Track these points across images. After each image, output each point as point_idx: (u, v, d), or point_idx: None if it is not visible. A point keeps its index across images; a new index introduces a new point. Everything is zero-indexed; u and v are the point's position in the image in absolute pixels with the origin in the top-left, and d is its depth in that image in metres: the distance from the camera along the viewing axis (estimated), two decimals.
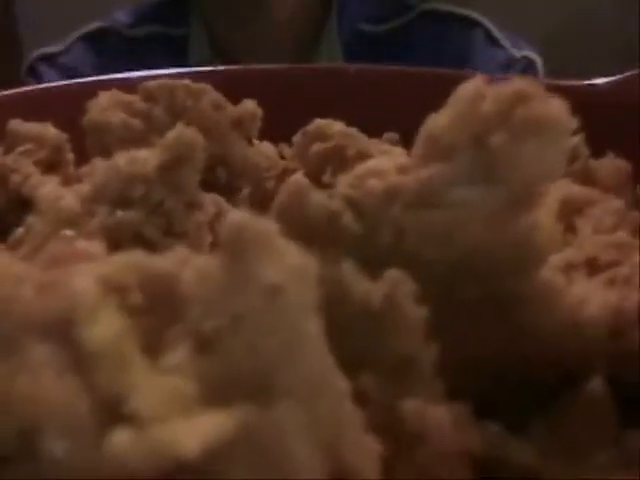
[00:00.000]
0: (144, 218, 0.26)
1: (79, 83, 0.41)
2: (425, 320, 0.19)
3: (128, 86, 0.36)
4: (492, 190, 0.20)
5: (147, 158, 0.26)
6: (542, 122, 0.20)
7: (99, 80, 0.42)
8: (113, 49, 0.98)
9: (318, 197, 0.22)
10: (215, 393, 0.13)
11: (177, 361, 0.14)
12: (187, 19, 0.99)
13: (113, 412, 0.13)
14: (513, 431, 0.21)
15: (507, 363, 0.22)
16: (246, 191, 0.36)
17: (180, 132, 0.27)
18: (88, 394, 0.13)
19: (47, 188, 0.28)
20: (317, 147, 0.33)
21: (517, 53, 0.94)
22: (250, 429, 0.12)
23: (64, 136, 0.37)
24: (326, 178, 0.32)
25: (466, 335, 0.22)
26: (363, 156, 0.31)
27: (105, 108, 0.34)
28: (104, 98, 0.34)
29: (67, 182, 0.32)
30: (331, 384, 0.14)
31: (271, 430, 0.13)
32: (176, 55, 0.94)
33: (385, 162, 0.25)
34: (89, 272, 0.15)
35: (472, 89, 0.21)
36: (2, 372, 0.13)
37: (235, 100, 0.36)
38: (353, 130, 0.34)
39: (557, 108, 0.20)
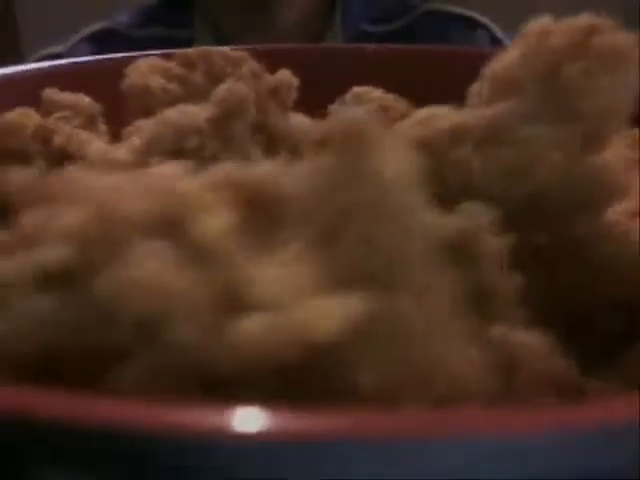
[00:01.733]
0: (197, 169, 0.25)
1: (111, 59, 0.41)
2: (505, 250, 0.19)
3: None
4: (564, 125, 0.20)
5: (199, 112, 0.26)
6: (617, 54, 0.20)
7: (131, 56, 0.41)
8: (116, 50, 0.98)
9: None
10: (334, 282, 0.13)
11: (293, 254, 0.13)
12: (191, 21, 0.99)
13: (235, 302, 0.13)
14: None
15: (578, 305, 0.22)
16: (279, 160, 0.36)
17: (231, 86, 0.27)
18: (207, 284, 0.13)
19: (96, 144, 0.28)
20: (359, 110, 0.33)
21: None
22: (377, 315, 0.12)
23: (98, 106, 0.36)
24: None
25: (536, 277, 0.21)
26: (406, 115, 0.31)
27: (144, 73, 0.34)
28: (143, 64, 0.34)
29: None
30: (440, 284, 0.14)
31: (395, 317, 0.13)
32: None
33: (442, 109, 0.25)
34: (190, 180, 0.15)
35: (540, 25, 0.21)
36: (116, 267, 0.13)
37: None
38: (393, 95, 0.34)
39: (628, 41, 0.20)
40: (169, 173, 0.17)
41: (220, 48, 0.35)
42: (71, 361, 0.13)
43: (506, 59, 0.21)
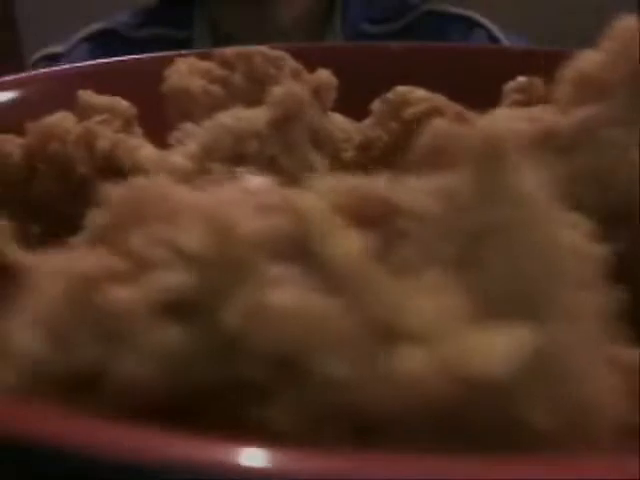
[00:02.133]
0: (260, 174, 0.25)
1: (146, 58, 0.40)
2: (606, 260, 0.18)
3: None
4: None
5: (257, 115, 0.26)
6: None
7: (164, 56, 0.41)
8: (116, 50, 0.97)
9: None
10: (486, 310, 0.12)
11: (431, 279, 0.13)
12: (190, 22, 0.98)
13: (387, 332, 0.12)
14: None
15: None
16: (324, 161, 0.35)
17: (288, 88, 0.26)
18: (356, 313, 0.12)
19: (148, 149, 0.27)
20: (408, 111, 0.32)
21: None
22: (541, 347, 0.12)
23: (134, 109, 0.35)
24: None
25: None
26: (460, 118, 0.31)
27: (184, 75, 0.33)
28: (182, 65, 0.33)
29: None
30: (590, 303, 0.13)
31: (558, 350, 0.12)
32: None
33: (511, 111, 0.24)
34: (308, 194, 0.14)
35: (627, 26, 0.20)
36: (250, 292, 0.13)
37: None
38: (438, 95, 0.34)
39: None
40: (269, 186, 0.16)
41: (259, 47, 0.34)
42: (205, 400, 0.12)
43: (589, 61, 0.21)
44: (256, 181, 0.17)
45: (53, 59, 0.96)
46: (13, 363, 0.13)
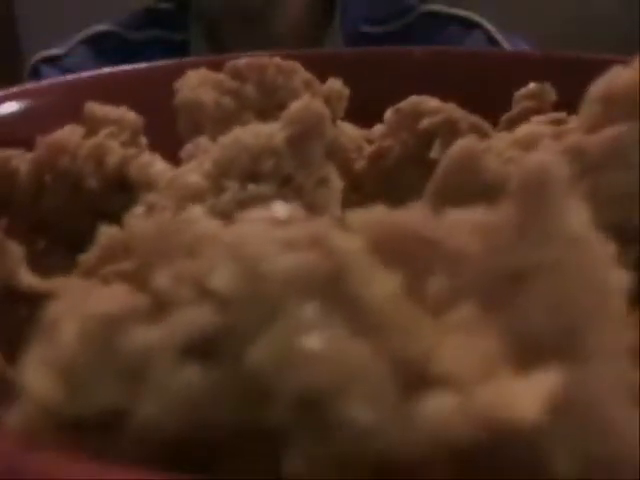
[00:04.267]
0: (275, 192, 0.24)
1: (153, 67, 0.40)
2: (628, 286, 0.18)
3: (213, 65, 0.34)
4: None
5: (273, 131, 0.25)
6: None
7: (171, 64, 0.40)
8: (114, 52, 0.97)
9: (491, 159, 0.20)
10: (520, 353, 0.12)
11: (463, 320, 0.12)
12: (187, 24, 0.98)
13: (416, 376, 0.11)
14: None
15: None
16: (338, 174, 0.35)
17: (307, 103, 0.25)
18: (384, 356, 0.11)
19: (160, 166, 0.27)
20: (423, 122, 0.31)
21: None
22: (574, 394, 0.11)
23: (141, 119, 0.35)
24: (434, 154, 0.31)
25: None
26: (476, 129, 0.30)
27: (195, 87, 0.32)
28: (194, 77, 0.33)
29: None
30: (625, 346, 0.13)
31: (591, 391, 0.11)
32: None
33: (538, 126, 0.24)
34: (339, 229, 0.13)
35: None
36: (276, 334, 0.12)
37: None
38: (452, 105, 0.33)
39: None
40: (295, 218, 0.16)
41: (272, 58, 0.34)
42: (227, 443, 0.12)
43: (619, 79, 0.20)
44: (283, 210, 0.16)
45: (52, 61, 0.96)
46: (24, 404, 0.12)
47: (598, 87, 0.21)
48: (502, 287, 0.12)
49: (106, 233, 0.21)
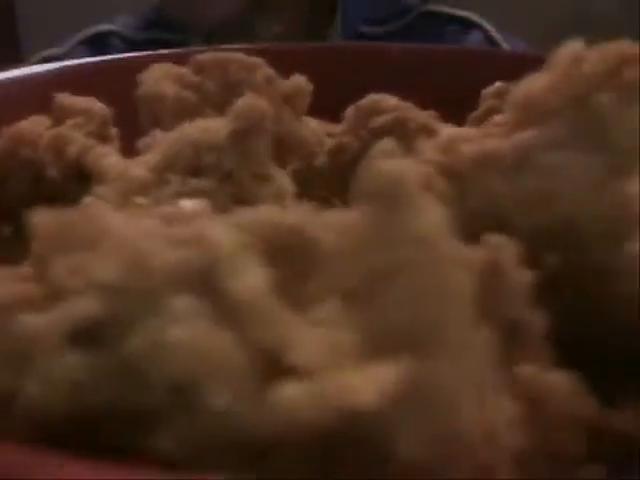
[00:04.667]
0: (215, 186, 0.25)
1: (118, 59, 0.41)
2: (531, 285, 0.19)
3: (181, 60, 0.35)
4: (593, 154, 0.20)
5: (219, 127, 0.26)
6: None
7: (148, 55, 0.41)
8: (113, 53, 0.98)
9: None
10: (373, 346, 0.13)
11: (327, 314, 0.13)
12: (185, 25, 0.98)
13: (273, 365, 0.12)
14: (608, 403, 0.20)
15: (589, 334, 0.22)
16: (290, 168, 0.36)
17: (251, 101, 0.26)
18: (245, 346, 0.13)
19: (113, 158, 0.28)
20: (376, 120, 0.32)
21: None
22: (419, 382, 0.12)
23: (109, 110, 0.36)
24: None
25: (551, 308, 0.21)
26: (425, 129, 0.31)
27: (158, 80, 0.33)
28: (156, 71, 0.34)
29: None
30: (477, 342, 0.14)
31: (437, 384, 0.12)
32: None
33: (469, 130, 0.24)
34: (221, 226, 0.15)
35: (571, 52, 0.21)
36: (150, 325, 0.13)
37: None
38: (409, 104, 0.34)
39: None
40: (197, 214, 0.17)
41: (235, 54, 0.35)
42: (104, 424, 0.13)
43: (535, 85, 0.21)
44: (189, 205, 0.17)
45: (52, 61, 0.97)
46: None
47: (516, 93, 0.21)
48: (364, 285, 0.13)
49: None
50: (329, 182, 0.35)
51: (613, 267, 0.21)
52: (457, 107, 0.34)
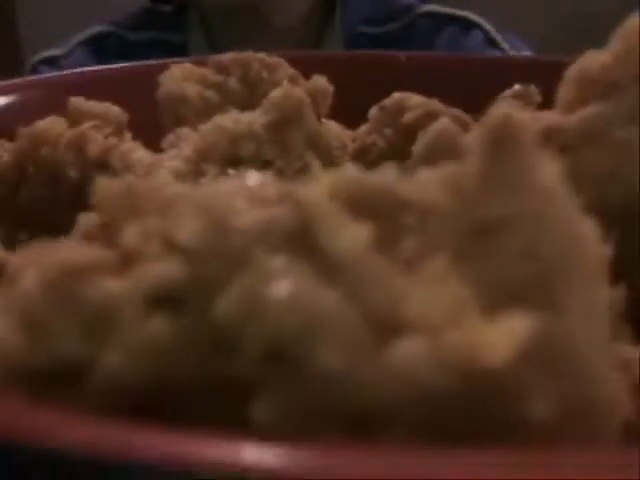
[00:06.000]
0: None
1: (142, 65, 0.40)
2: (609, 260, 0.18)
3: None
4: None
5: (254, 118, 0.25)
6: None
7: (158, 64, 0.40)
8: (113, 53, 0.97)
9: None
10: (494, 301, 0.11)
11: (436, 271, 0.12)
12: (185, 26, 0.98)
13: (387, 323, 0.11)
14: None
15: None
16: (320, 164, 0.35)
17: (287, 90, 0.25)
18: (354, 304, 0.11)
19: (141, 152, 0.27)
20: (407, 117, 0.31)
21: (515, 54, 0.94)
22: (551, 337, 0.11)
23: (125, 115, 0.35)
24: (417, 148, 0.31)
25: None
26: (458, 122, 0.30)
27: (179, 80, 0.32)
28: (177, 71, 0.33)
29: None
30: (603, 299, 0.12)
31: (570, 340, 0.11)
32: None
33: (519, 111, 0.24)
34: (308, 187, 0.13)
35: (636, 24, 0.20)
36: (243, 285, 0.12)
37: None
38: (434, 100, 0.33)
39: None
40: (268, 181, 0.16)
41: (257, 54, 0.34)
42: (191, 395, 0.12)
43: (598, 59, 0.20)
44: (255, 177, 0.16)
45: (51, 62, 0.96)
46: None
47: (574, 70, 0.21)
48: (472, 239, 0.12)
49: (85, 220, 0.21)
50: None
51: None
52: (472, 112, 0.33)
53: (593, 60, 0.20)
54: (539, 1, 1.63)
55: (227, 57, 0.33)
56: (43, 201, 0.30)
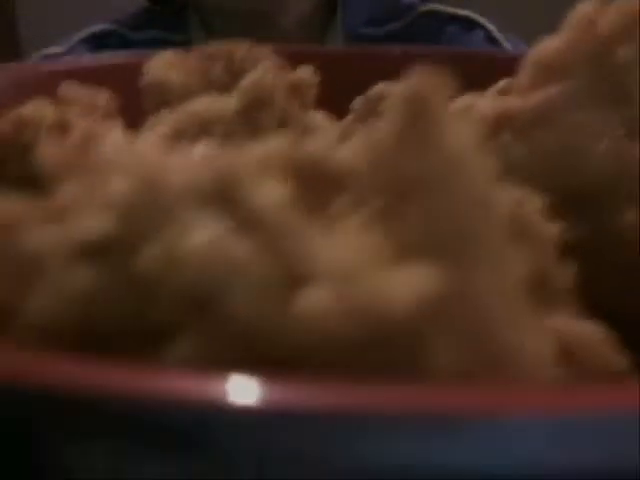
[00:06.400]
0: None
1: (126, 56, 0.40)
2: (559, 237, 0.18)
3: None
4: (615, 109, 0.20)
5: (225, 101, 0.25)
6: None
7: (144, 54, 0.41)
8: (114, 51, 0.98)
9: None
10: (404, 254, 0.12)
11: (355, 225, 0.13)
12: (187, 25, 0.98)
13: (297, 272, 0.12)
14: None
15: (619, 300, 0.21)
16: None
17: (260, 76, 0.26)
18: (266, 254, 0.12)
19: (116, 135, 0.27)
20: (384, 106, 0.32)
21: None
22: (456, 290, 0.11)
23: (114, 102, 0.35)
24: None
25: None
26: None
27: (163, 68, 0.33)
28: (162, 58, 0.33)
29: None
30: (514, 260, 0.13)
31: (474, 294, 0.12)
32: None
33: (481, 97, 0.24)
34: (237, 153, 0.14)
35: (586, 10, 0.20)
36: (165, 237, 0.12)
37: None
38: None
39: None
40: (211, 150, 0.16)
41: (240, 44, 0.34)
42: (116, 335, 0.12)
43: (551, 44, 0.20)
44: (203, 148, 0.16)
45: (52, 60, 0.97)
46: None
47: (530, 55, 0.21)
48: (388, 200, 0.13)
49: None
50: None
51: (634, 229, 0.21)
52: None
53: (548, 45, 0.21)
54: (539, 1, 1.63)
55: (211, 46, 0.34)
56: (24, 184, 0.31)
